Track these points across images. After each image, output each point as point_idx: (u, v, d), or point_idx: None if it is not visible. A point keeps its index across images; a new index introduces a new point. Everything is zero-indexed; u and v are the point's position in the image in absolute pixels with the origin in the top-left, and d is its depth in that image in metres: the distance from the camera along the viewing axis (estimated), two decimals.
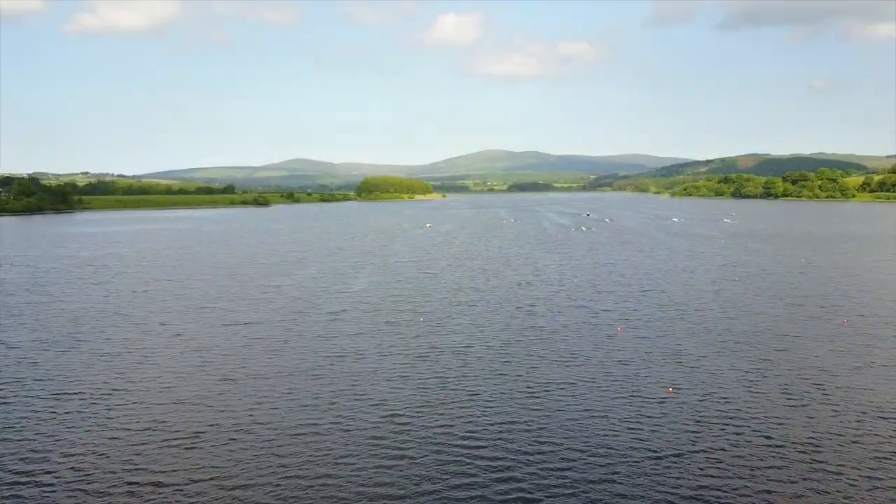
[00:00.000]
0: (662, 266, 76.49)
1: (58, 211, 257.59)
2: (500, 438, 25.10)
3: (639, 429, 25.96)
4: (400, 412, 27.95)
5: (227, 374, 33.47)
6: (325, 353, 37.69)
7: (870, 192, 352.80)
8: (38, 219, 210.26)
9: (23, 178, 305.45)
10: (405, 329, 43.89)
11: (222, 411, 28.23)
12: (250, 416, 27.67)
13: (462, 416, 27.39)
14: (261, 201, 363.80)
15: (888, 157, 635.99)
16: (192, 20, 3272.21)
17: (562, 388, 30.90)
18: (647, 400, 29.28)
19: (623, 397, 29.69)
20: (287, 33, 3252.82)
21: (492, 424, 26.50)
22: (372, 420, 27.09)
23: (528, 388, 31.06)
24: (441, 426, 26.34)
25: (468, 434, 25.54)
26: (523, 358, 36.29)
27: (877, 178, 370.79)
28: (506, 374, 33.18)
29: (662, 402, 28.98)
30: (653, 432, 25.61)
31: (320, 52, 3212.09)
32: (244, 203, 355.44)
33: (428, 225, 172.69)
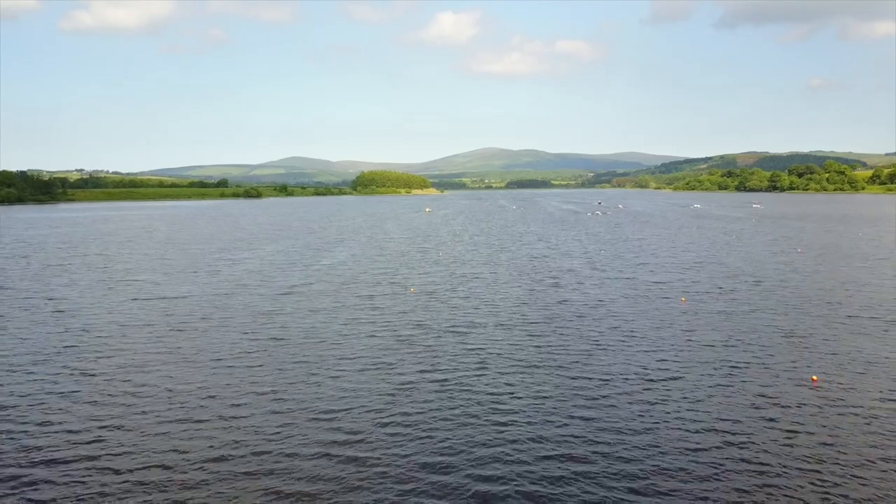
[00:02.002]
0: (702, 241, 64.27)
1: (40, 202, 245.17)
2: (550, 469, 12.77)
3: (796, 443, 13.71)
4: (366, 417, 15.61)
5: (99, 362, 21.06)
6: (263, 332, 25.31)
7: (879, 184, 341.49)
8: (15, 208, 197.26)
9: (5, 171, 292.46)
10: (388, 302, 31.59)
11: (69, 412, 15.88)
12: (111, 417, 15.30)
13: (472, 431, 15.04)
14: (252, 194, 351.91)
15: (887, 154, 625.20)
16: (187, 18, 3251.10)
17: (641, 382, 18.59)
18: (784, 397, 17.01)
19: (744, 393, 17.43)
20: (283, 31, 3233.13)
21: (527, 444, 14.17)
22: (319, 433, 14.74)
23: (583, 381, 18.75)
24: (437, 447, 14.02)
25: (483, 458, 13.24)
26: (560, 340, 23.99)
27: (886, 170, 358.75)
28: (538, 365, 20.84)
29: (814, 403, 16.73)
30: (840, 462, 13.33)
31: (317, 50, 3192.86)
32: (235, 196, 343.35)
33: (427, 209, 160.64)
